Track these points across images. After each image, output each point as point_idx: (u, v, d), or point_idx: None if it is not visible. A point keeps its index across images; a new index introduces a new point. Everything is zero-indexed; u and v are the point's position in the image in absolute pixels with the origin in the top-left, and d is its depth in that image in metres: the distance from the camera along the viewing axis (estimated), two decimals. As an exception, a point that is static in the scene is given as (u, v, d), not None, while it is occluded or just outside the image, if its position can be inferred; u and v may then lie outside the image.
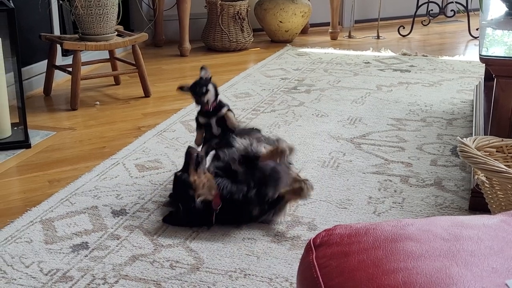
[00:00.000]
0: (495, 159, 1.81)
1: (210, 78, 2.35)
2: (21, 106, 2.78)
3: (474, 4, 4.85)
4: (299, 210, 2.17)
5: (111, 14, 3.31)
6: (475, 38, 5.08)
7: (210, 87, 2.33)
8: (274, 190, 2.02)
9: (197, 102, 2.34)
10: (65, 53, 3.75)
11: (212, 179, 2.02)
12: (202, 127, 2.38)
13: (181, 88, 2.37)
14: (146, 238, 1.97)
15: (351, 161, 2.59)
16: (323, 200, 2.25)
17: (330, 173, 2.48)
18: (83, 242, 1.95)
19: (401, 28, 5.28)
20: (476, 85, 3.33)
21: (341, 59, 4.42)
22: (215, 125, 2.35)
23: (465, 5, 5.33)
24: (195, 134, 2.45)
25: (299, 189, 2.03)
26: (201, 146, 2.36)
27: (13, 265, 1.82)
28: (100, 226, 2.05)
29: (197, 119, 2.39)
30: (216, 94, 2.35)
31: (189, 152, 2.04)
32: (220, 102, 2.38)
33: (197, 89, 2.31)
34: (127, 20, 4.59)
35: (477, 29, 4.75)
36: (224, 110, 2.35)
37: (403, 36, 5.28)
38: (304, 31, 5.32)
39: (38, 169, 2.54)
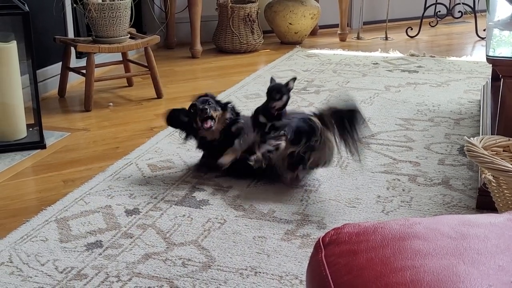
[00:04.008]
0: (502, 159, 1.82)
1: (290, 89, 2.40)
2: (36, 108, 2.81)
3: (481, 5, 4.86)
4: (308, 209, 2.19)
5: (124, 17, 3.35)
6: (482, 39, 5.08)
7: (285, 97, 2.37)
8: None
9: (267, 103, 2.38)
10: (79, 55, 3.78)
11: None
12: (259, 126, 2.40)
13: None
14: (159, 236, 2.00)
15: (359, 160, 2.62)
16: (332, 199, 2.28)
17: (339, 172, 2.50)
18: (97, 241, 1.97)
19: (409, 29, 5.29)
20: (483, 85, 3.34)
21: (350, 60, 4.44)
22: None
23: (472, 6, 5.32)
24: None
25: None
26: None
27: (29, 263, 1.84)
28: (114, 225, 2.07)
29: (256, 118, 2.41)
30: (285, 105, 2.39)
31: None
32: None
33: (273, 93, 2.36)
34: (139, 23, 4.61)
35: (484, 30, 4.76)
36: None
37: (411, 37, 5.28)
38: (313, 33, 5.34)
39: (53, 169, 2.57)
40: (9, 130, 2.78)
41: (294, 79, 2.43)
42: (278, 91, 2.36)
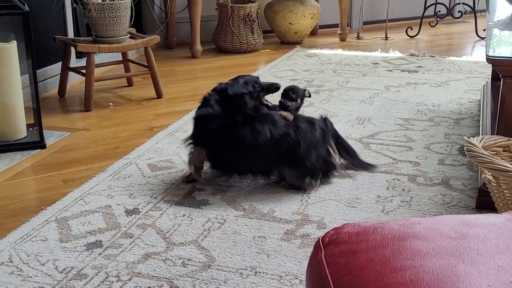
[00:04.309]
0: (501, 159, 1.82)
1: (304, 95, 2.53)
2: (36, 108, 2.81)
3: (481, 5, 4.86)
4: (308, 209, 2.19)
5: (124, 17, 3.35)
6: (482, 38, 5.08)
7: (299, 101, 2.49)
8: None
9: (281, 101, 2.47)
10: (79, 55, 3.78)
11: None
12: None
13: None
14: (159, 236, 2.00)
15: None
16: (332, 199, 2.28)
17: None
18: (97, 241, 1.97)
19: (409, 29, 5.29)
20: (483, 85, 3.34)
21: (350, 60, 4.44)
22: None
23: (472, 6, 5.33)
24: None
25: None
26: None
27: (29, 263, 1.85)
28: (114, 225, 2.07)
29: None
30: (298, 108, 2.52)
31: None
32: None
33: (289, 92, 2.46)
34: (139, 23, 4.61)
35: (484, 30, 4.76)
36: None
37: (411, 37, 5.28)
38: (313, 33, 5.34)
39: (53, 169, 2.57)
40: (9, 130, 2.78)
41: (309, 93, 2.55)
42: (294, 91, 2.45)
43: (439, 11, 5.49)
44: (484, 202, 2.11)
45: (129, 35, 3.48)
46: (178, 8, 4.77)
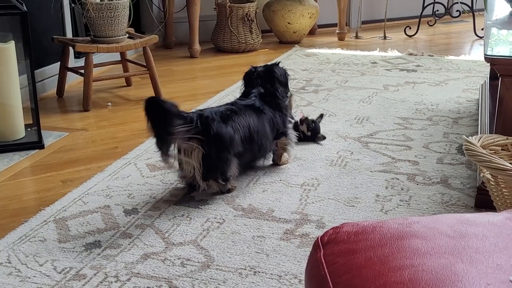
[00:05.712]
0: (500, 157, 1.82)
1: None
2: (35, 108, 2.81)
3: (479, 4, 4.87)
4: (307, 208, 2.19)
5: (122, 16, 3.35)
6: (480, 38, 5.09)
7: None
8: None
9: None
10: (78, 55, 3.79)
11: None
12: None
13: None
14: (158, 236, 2.00)
15: (358, 159, 2.62)
16: (331, 198, 2.28)
17: (338, 171, 2.50)
18: (95, 241, 1.97)
19: (408, 28, 5.30)
20: (482, 84, 3.34)
21: (349, 60, 4.44)
22: None
23: (470, 5, 5.33)
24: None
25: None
26: None
27: (27, 263, 1.84)
28: (113, 225, 2.07)
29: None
30: None
31: None
32: None
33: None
34: (138, 23, 4.62)
35: (482, 29, 4.76)
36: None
37: (410, 36, 5.29)
38: (311, 32, 5.34)
39: (51, 169, 2.57)
40: (7, 130, 2.78)
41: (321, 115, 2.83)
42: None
43: (437, 10, 5.50)
44: (483, 201, 2.11)
45: (127, 35, 3.48)
46: (176, 7, 4.77)
